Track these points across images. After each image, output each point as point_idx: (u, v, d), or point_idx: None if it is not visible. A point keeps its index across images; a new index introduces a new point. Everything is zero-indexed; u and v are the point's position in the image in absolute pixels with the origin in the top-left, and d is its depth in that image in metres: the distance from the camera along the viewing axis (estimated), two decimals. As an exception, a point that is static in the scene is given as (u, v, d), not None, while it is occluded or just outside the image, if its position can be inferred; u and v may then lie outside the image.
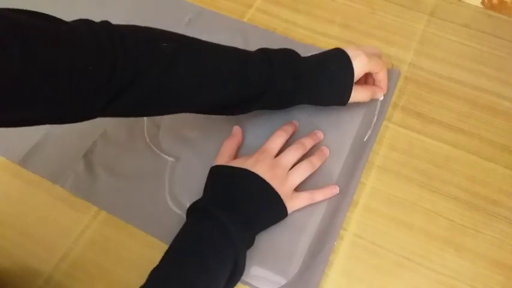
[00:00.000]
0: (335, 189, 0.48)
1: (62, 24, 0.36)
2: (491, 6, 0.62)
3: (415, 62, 0.58)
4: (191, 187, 0.48)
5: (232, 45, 0.60)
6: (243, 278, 0.44)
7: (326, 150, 0.50)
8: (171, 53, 0.40)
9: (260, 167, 0.45)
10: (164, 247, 0.40)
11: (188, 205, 0.45)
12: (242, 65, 0.44)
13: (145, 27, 0.41)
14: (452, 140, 0.52)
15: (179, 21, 0.63)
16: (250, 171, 0.44)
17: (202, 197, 0.45)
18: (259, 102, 0.46)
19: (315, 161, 0.48)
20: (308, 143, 0.49)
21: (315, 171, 0.48)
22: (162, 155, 0.52)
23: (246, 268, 0.42)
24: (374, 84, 0.52)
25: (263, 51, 0.47)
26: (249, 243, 0.43)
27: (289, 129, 0.50)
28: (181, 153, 0.52)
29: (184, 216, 0.44)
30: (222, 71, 0.43)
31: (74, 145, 0.53)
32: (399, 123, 0.53)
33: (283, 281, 0.44)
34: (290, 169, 0.47)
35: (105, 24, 0.39)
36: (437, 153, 0.51)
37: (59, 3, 0.66)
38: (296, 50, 0.58)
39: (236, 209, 0.42)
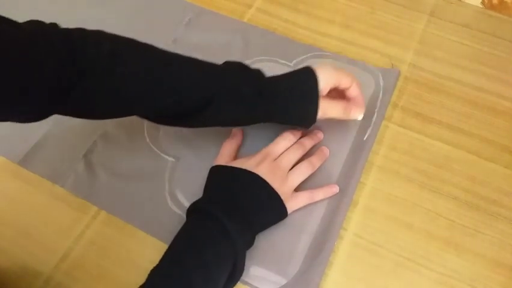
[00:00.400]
0: (335, 188, 0.48)
1: (11, 25, 0.37)
2: (491, 6, 0.62)
3: (415, 62, 0.58)
4: (191, 187, 0.48)
5: (232, 45, 0.60)
6: (243, 278, 0.44)
7: (325, 150, 0.50)
8: (114, 54, 0.40)
9: (260, 167, 0.45)
10: (164, 247, 0.40)
11: (188, 205, 0.45)
12: (195, 68, 0.44)
13: (92, 29, 0.42)
14: (452, 140, 0.52)
15: (179, 21, 0.63)
16: (250, 171, 0.44)
17: (202, 197, 0.44)
18: (215, 110, 0.43)
19: (315, 161, 0.48)
20: (308, 143, 0.49)
21: (315, 171, 0.48)
22: (162, 155, 0.52)
23: (246, 268, 0.42)
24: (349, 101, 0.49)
25: (224, 62, 0.46)
26: (249, 243, 0.43)
27: (297, 134, 0.50)
28: (181, 153, 0.52)
29: (184, 216, 0.44)
30: (170, 74, 0.42)
31: (74, 145, 0.53)
32: (399, 123, 0.53)
33: (283, 281, 0.44)
34: (290, 169, 0.46)
35: (53, 25, 0.40)
36: (437, 153, 0.51)
37: (59, 3, 0.66)
38: (296, 50, 0.59)
39: (236, 209, 0.42)
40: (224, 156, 0.49)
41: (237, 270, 0.40)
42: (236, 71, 0.45)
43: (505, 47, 0.59)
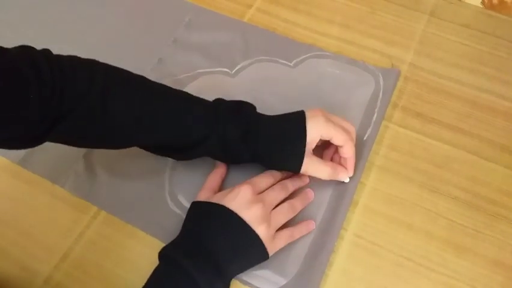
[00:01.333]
0: (311, 225, 0.46)
1: (3, 53, 0.36)
2: (491, 6, 0.62)
3: (415, 62, 0.58)
4: (191, 187, 0.48)
5: (232, 45, 0.60)
6: (243, 278, 0.44)
7: (310, 194, 0.48)
8: (105, 87, 0.40)
9: (244, 201, 0.42)
10: (164, 247, 0.40)
11: (188, 205, 0.45)
12: (186, 108, 0.43)
13: (85, 59, 0.41)
14: (452, 140, 0.52)
15: (179, 21, 0.63)
16: (228, 209, 0.41)
17: (176, 239, 0.42)
18: (203, 148, 0.44)
19: (297, 205, 0.46)
20: (291, 186, 0.47)
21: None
22: (162, 155, 0.52)
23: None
24: (340, 162, 0.47)
25: (217, 99, 0.45)
26: None
27: (284, 172, 0.48)
28: (181, 153, 0.52)
29: (184, 216, 0.44)
30: (160, 111, 0.42)
31: (74, 145, 0.53)
32: (399, 123, 0.53)
33: (283, 281, 0.44)
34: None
35: (45, 52, 0.39)
36: (437, 153, 0.51)
37: (60, 3, 0.66)
38: (296, 50, 0.59)
39: (208, 257, 0.39)
40: (206, 190, 0.46)
41: None
42: (226, 113, 0.44)
43: (505, 47, 0.59)
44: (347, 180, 0.47)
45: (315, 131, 0.43)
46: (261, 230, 0.41)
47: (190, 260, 0.38)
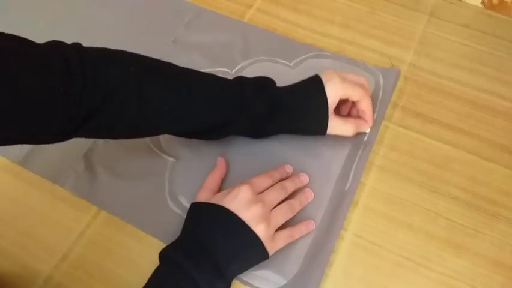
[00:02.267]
0: (311, 225, 0.46)
1: (33, 47, 0.36)
2: (491, 6, 0.62)
3: (415, 62, 0.58)
4: (191, 187, 0.48)
5: (232, 45, 0.60)
6: (243, 278, 0.44)
7: (309, 193, 0.48)
8: (139, 77, 0.40)
9: (243, 201, 0.41)
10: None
11: (188, 205, 0.45)
12: (213, 90, 0.45)
13: (115, 50, 0.41)
14: (452, 140, 0.52)
15: (179, 21, 0.63)
16: (227, 210, 0.41)
17: (176, 240, 0.42)
18: (232, 127, 0.46)
19: (296, 205, 0.46)
20: (290, 187, 0.46)
21: (313, 170, 0.48)
22: (162, 155, 0.52)
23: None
24: (358, 115, 0.49)
25: (238, 78, 0.47)
26: None
27: (283, 173, 0.48)
28: (181, 153, 0.52)
29: (184, 216, 0.44)
30: (192, 96, 0.43)
31: (74, 145, 0.52)
32: (399, 123, 0.53)
33: (283, 281, 0.44)
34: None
35: (76, 46, 0.39)
36: (437, 153, 0.51)
37: (60, 3, 0.66)
38: (296, 50, 0.59)
39: (208, 257, 0.39)
40: (205, 190, 0.46)
41: None
42: (250, 92, 0.45)
43: (505, 47, 0.59)
44: (367, 130, 0.50)
45: (334, 93, 0.45)
46: (260, 230, 0.41)
47: (190, 261, 0.38)
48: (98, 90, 0.38)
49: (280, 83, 0.56)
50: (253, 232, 0.40)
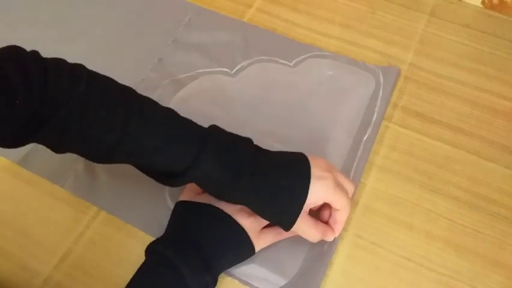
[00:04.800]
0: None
1: None
2: (491, 6, 0.62)
3: (415, 62, 0.58)
4: (191, 187, 0.48)
5: (232, 45, 0.60)
6: (243, 278, 0.44)
7: None
8: (87, 97, 0.37)
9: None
10: (164, 247, 0.40)
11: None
12: (167, 136, 0.39)
13: (73, 64, 0.39)
14: (452, 140, 0.52)
15: (179, 21, 0.63)
16: (213, 206, 0.41)
17: (162, 236, 0.42)
18: (181, 180, 0.39)
19: None
20: None
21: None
22: (162, 155, 0.52)
23: (246, 268, 0.42)
24: (328, 220, 0.43)
25: (206, 130, 0.40)
26: (209, 284, 0.40)
27: None
28: (181, 153, 0.52)
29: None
30: (138, 134, 0.38)
31: (74, 145, 0.53)
32: (399, 123, 0.53)
33: (283, 281, 0.44)
34: None
35: (35, 55, 0.37)
36: (437, 153, 0.51)
37: (60, 3, 0.66)
38: (296, 50, 0.59)
39: (194, 250, 0.39)
40: (189, 191, 0.45)
41: None
42: (215, 151, 0.38)
43: (505, 47, 0.59)
44: (331, 240, 0.43)
45: (320, 196, 0.39)
46: (247, 224, 0.41)
47: (176, 254, 0.38)
48: (46, 103, 0.36)
49: (280, 83, 0.56)
50: (239, 225, 0.40)
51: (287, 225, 0.40)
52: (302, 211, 0.39)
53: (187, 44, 0.60)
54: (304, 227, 0.40)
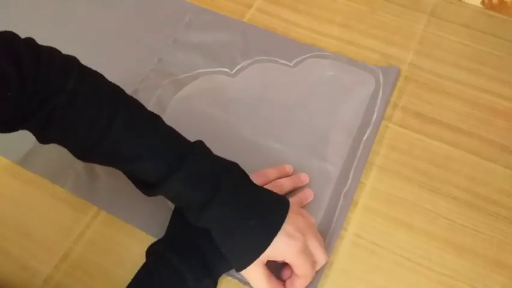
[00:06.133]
0: None
1: None
2: (491, 6, 0.62)
3: (415, 62, 0.58)
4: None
5: (232, 45, 0.59)
6: (243, 278, 0.44)
7: (308, 193, 0.47)
8: (75, 89, 0.37)
9: None
10: (164, 247, 0.40)
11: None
12: (147, 144, 0.38)
13: (66, 56, 0.39)
14: (452, 140, 0.52)
15: (179, 21, 0.63)
16: None
17: (163, 237, 0.42)
18: (154, 192, 0.39)
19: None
20: (287, 185, 0.46)
21: (313, 170, 0.48)
22: (162, 155, 0.52)
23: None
24: (286, 281, 0.41)
25: (195, 147, 0.40)
26: (211, 286, 0.40)
27: (282, 171, 0.46)
28: (181, 153, 0.52)
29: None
30: (120, 139, 0.38)
31: (74, 145, 0.53)
32: (399, 123, 0.53)
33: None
34: None
35: (29, 43, 0.37)
36: (437, 153, 0.51)
37: (59, 3, 0.66)
38: (296, 50, 0.59)
39: (196, 255, 0.39)
40: None
41: None
42: (202, 171, 0.38)
43: (505, 47, 0.59)
44: None
45: (280, 254, 0.38)
46: None
47: (178, 255, 0.38)
48: (36, 95, 0.36)
49: (280, 83, 0.56)
50: None
51: (238, 267, 0.39)
52: (258, 260, 0.38)
53: (187, 44, 0.60)
54: (255, 275, 0.39)
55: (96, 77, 0.40)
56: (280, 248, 0.38)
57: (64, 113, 0.37)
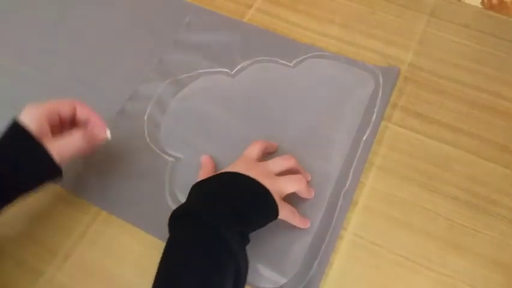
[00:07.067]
0: (307, 223, 0.46)
1: None
2: (491, 7, 0.62)
3: (415, 62, 0.58)
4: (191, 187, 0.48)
5: (232, 45, 0.59)
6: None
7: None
8: None
9: (244, 167, 0.43)
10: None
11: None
12: None
13: None
14: (452, 140, 0.52)
15: (179, 21, 0.63)
16: (234, 172, 0.42)
17: (184, 203, 0.42)
18: None
19: (307, 177, 0.47)
20: (297, 165, 0.47)
21: (313, 170, 0.48)
22: (162, 155, 0.52)
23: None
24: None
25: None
26: (244, 243, 0.41)
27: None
28: (181, 153, 0.52)
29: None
30: None
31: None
32: (399, 123, 0.53)
33: (283, 281, 0.44)
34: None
35: None
36: (437, 153, 0.51)
37: (60, 3, 0.66)
38: (296, 50, 0.59)
39: (227, 211, 0.39)
40: (205, 173, 0.46)
41: (241, 276, 0.38)
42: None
43: (505, 47, 0.59)
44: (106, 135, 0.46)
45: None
46: (269, 185, 0.41)
47: (207, 212, 0.39)
48: None
49: (280, 83, 0.57)
50: (264, 186, 0.41)
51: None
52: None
53: (187, 44, 0.60)
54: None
55: None
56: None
57: None
